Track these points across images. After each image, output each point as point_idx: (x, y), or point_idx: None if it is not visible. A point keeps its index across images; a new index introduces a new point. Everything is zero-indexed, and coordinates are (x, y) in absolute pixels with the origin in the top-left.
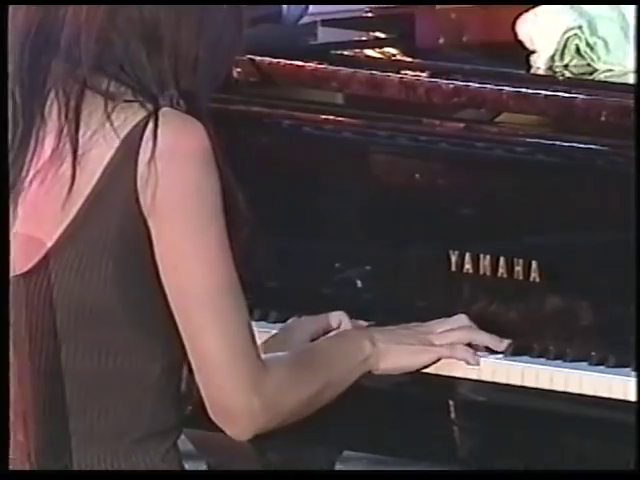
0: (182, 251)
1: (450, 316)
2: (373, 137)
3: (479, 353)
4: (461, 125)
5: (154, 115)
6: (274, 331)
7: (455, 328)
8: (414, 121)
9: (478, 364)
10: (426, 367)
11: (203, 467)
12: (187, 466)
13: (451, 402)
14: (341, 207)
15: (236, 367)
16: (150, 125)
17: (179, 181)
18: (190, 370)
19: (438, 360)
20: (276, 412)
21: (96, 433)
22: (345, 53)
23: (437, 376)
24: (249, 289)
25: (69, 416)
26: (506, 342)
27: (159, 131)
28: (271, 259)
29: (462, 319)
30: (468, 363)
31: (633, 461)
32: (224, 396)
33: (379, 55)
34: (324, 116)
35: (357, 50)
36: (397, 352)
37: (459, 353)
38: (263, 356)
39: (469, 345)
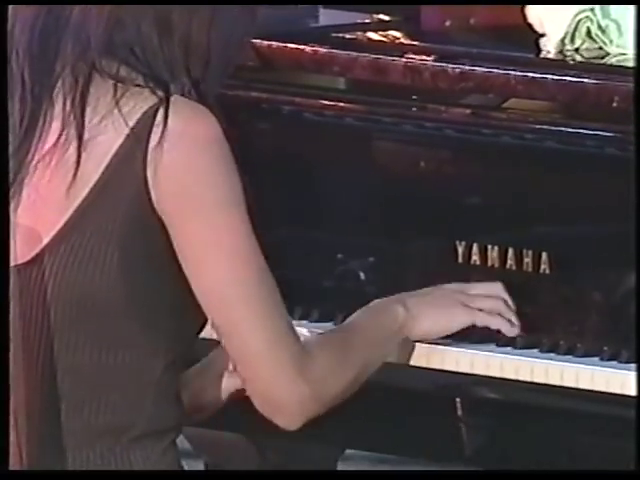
0: (201, 243)
1: None
2: (376, 124)
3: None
4: (468, 111)
5: (165, 102)
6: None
7: (491, 295)
8: (419, 107)
9: (515, 334)
10: (458, 332)
11: (201, 466)
12: (185, 465)
13: (458, 399)
14: (343, 196)
15: (279, 356)
16: (161, 112)
17: (191, 169)
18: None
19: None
20: (324, 397)
21: (93, 430)
22: (347, 36)
23: (443, 372)
24: None
25: (65, 412)
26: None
27: (170, 118)
28: (269, 250)
29: (498, 287)
30: (503, 333)
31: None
32: (271, 388)
33: (383, 38)
34: (325, 102)
35: (360, 33)
36: (431, 315)
37: (495, 321)
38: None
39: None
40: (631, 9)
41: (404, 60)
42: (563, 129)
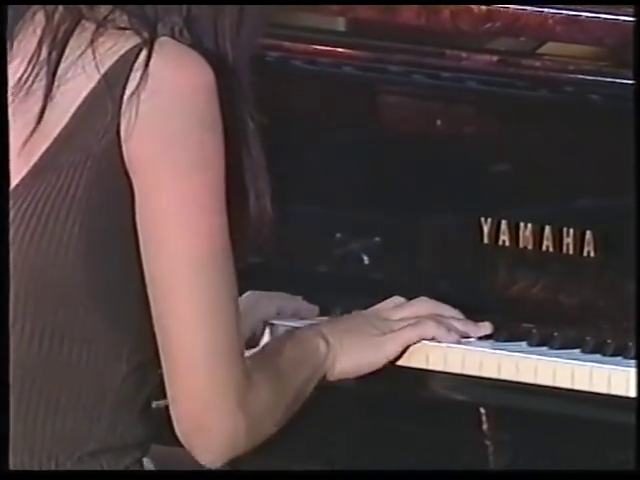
0: (165, 215)
1: (482, 302)
2: (382, 74)
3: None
4: (495, 58)
5: (149, 44)
6: None
7: (417, 310)
8: (435, 53)
9: (458, 341)
10: (394, 360)
11: None
12: None
13: (482, 409)
14: (341, 163)
15: (221, 374)
16: (142, 55)
17: (171, 122)
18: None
19: (405, 351)
20: (257, 435)
21: (39, 439)
22: None
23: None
24: None
25: (12, 413)
26: (486, 325)
27: (152, 61)
28: None
29: (425, 303)
30: (443, 341)
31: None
32: (205, 411)
33: None
34: (320, 47)
35: None
36: (354, 347)
37: (429, 330)
38: None
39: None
40: None
41: None
42: (611, 80)
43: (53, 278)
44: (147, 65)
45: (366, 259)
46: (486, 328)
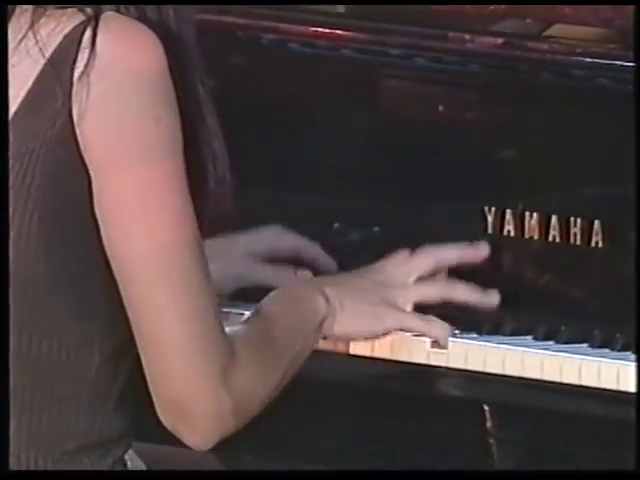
0: (123, 203)
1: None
2: (383, 57)
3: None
4: (500, 41)
5: (94, 20)
6: (248, 313)
7: (425, 278)
8: (437, 35)
9: (446, 347)
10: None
11: None
12: None
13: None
14: (340, 150)
15: (202, 356)
16: (88, 33)
17: (123, 104)
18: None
19: (406, 348)
20: (246, 411)
21: (16, 440)
22: None
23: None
24: None
25: None
26: (495, 295)
27: (99, 39)
28: (250, 218)
29: (429, 256)
30: (437, 346)
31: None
32: (187, 395)
33: None
34: (318, 29)
35: None
36: (355, 313)
37: (434, 330)
38: None
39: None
40: None
41: None
42: (621, 63)
43: (16, 273)
44: (94, 43)
45: (365, 250)
46: (494, 295)
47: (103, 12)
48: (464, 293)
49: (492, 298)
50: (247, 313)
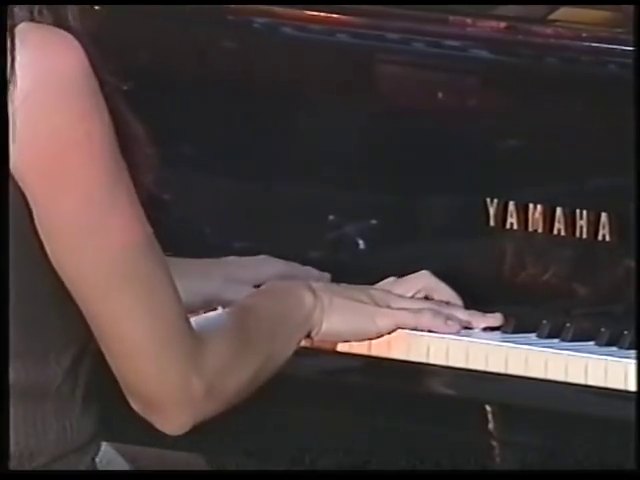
0: (73, 222)
1: (488, 290)
2: (379, 41)
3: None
4: (502, 25)
5: (9, 34)
6: None
7: (416, 284)
8: (437, 19)
9: (457, 331)
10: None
11: None
12: None
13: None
14: (335, 139)
15: (168, 349)
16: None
17: (58, 121)
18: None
19: (406, 344)
20: (221, 394)
21: None
22: None
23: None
24: (204, 251)
25: None
26: (497, 317)
27: (18, 57)
28: (240, 211)
29: (426, 276)
30: (441, 332)
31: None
32: (155, 389)
33: None
34: (311, 12)
35: None
36: (345, 309)
37: (426, 320)
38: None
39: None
40: None
41: None
42: (629, 48)
43: None
44: (13, 58)
45: (362, 244)
46: (496, 319)
47: (17, 24)
48: (459, 313)
49: (493, 321)
50: None
